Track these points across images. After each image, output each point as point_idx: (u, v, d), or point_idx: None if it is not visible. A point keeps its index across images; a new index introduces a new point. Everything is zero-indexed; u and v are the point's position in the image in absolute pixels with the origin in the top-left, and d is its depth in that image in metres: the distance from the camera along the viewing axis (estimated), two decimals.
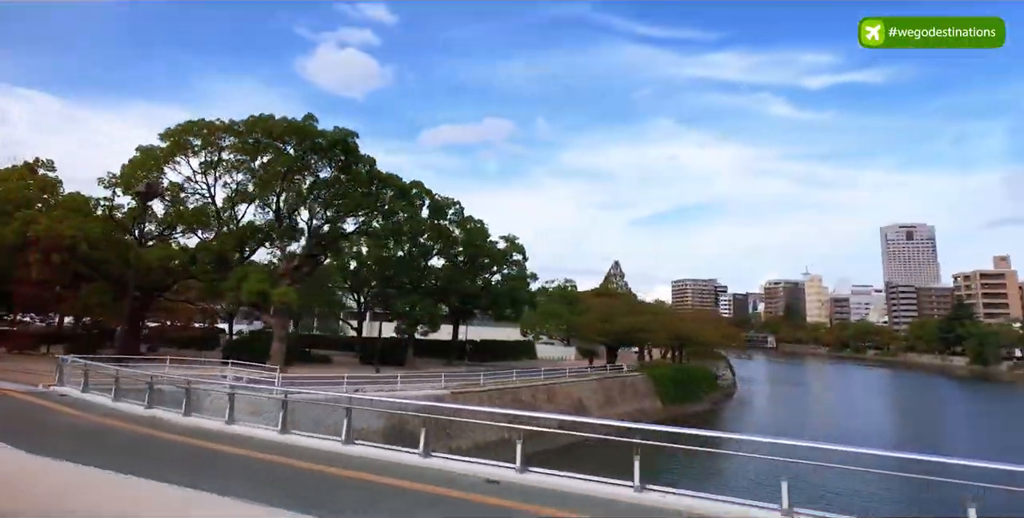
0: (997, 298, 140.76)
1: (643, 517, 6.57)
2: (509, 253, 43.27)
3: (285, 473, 8.21)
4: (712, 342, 54.40)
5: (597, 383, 35.78)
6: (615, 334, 45.07)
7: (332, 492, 7.25)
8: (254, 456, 9.10)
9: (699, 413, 43.25)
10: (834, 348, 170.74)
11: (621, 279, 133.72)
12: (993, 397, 75.77)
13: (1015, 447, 37.04)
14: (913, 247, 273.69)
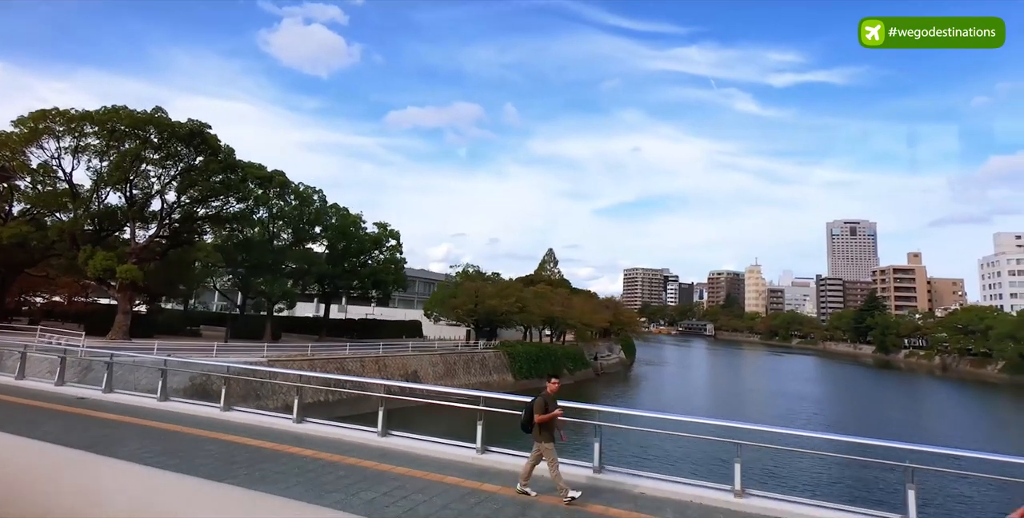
0: (907, 291, 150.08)
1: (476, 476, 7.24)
2: (384, 239, 46.70)
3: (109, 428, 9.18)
4: (593, 325, 58.82)
5: (440, 357, 39.72)
6: (481, 314, 49.06)
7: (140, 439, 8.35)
8: (74, 412, 10.05)
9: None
10: (765, 336, 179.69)
11: (555, 266, 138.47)
12: (861, 380, 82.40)
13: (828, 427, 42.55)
14: (856, 242, 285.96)
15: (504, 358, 45.50)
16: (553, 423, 6.92)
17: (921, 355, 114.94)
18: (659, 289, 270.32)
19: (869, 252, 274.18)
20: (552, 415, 6.84)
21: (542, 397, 7.00)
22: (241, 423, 9.63)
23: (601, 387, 53.32)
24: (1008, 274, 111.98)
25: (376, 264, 45.07)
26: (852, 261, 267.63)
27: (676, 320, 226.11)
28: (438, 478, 7.01)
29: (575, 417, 7.83)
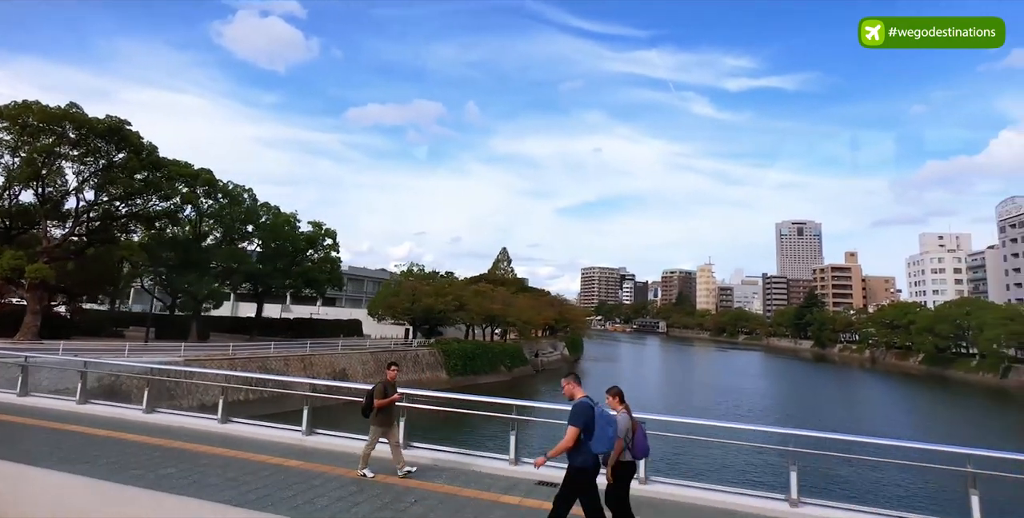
0: (844, 289, 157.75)
1: None
2: (319, 238, 46.73)
3: None
4: (533, 323, 60.12)
5: (371, 355, 40.20)
6: (418, 313, 49.68)
7: None
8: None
9: (491, 383, 48.70)
10: (714, 333, 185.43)
11: (508, 265, 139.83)
12: (792, 373, 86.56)
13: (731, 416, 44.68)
14: (803, 242, 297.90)
15: (439, 355, 46.23)
16: (392, 408, 7.51)
17: (853, 349, 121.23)
18: (615, 288, 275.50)
19: (815, 251, 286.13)
20: (390, 400, 7.40)
21: (381, 383, 7.55)
22: (165, 425, 9.49)
23: (538, 383, 54.62)
24: (931, 272, 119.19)
25: (311, 263, 45.05)
26: (799, 260, 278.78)
27: (631, 318, 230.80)
28: None
29: (495, 411, 8.27)
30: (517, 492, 6.69)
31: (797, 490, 6.43)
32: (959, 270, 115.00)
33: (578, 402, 5.17)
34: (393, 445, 7.36)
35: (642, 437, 5.51)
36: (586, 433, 4.95)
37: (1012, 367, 74.26)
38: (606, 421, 5.10)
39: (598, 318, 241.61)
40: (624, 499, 5.37)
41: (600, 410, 5.13)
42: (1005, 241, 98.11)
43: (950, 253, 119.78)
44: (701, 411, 41.24)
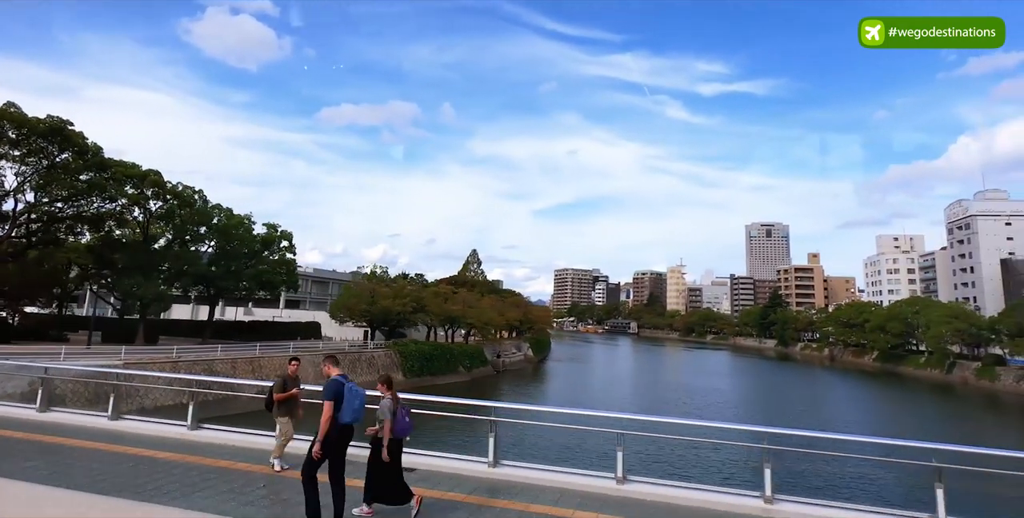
0: (807, 289, 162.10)
1: None
2: (274, 240, 46.57)
3: None
4: (493, 324, 60.67)
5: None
6: (376, 315, 49.84)
7: None
8: None
9: (449, 384, 49.10)
10: (683, 333, 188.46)
11: (478, 266, 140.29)
12: (751, 371, 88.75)
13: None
14: (771, 243, 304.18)
15: (395, 357, 46.46)
16: (293, 401, 7.77)
17: (814, 347, 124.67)
18: (588, 289, 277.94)
19: (783, 252, 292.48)
20: (289, 394, 7.71)
21: (282, 378, 7.86)
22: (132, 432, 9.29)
23: (497, 383, 55.22)
24: (886, 272, 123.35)
25: (265, 265, 44.87)
26: (767, 261, 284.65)
27: (603, 319, 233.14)
28: None
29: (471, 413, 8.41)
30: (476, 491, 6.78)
31: (771, 487, 6.48)
32: (912, 270, 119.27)
33: (330, 380, 5.74)
34: (282, 435, 7.54)
35: (403, 418, 6.14)
36: (336, 406, 5.53)
37: (956, 363, 77.46)
38: (353, 395, 5.68)
39: (571, 319, 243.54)
40: (396, 472, 6.03)
41: (349, 386, 5.71)
42: (952, 242, 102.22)
43: (904, 254, 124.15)
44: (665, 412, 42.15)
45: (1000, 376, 68.04)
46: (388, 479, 5.91)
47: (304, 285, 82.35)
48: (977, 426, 44.60)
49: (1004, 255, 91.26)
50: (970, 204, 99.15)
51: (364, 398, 5.96)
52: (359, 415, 5.77)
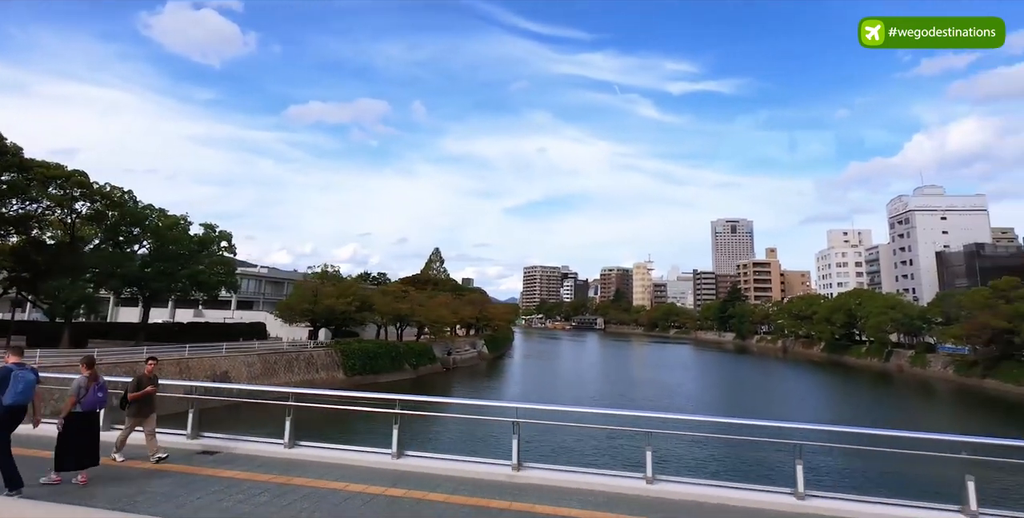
0: (764, 283, 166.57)
1: None
2: (212, 241, 46.19)
3: None
4: (442, 322, 61.13)
5: (258, 357, 40.26)
6: (319, 314, 49.87)
7: None
8: None
9: (392, 382, 49.45)
10: (647, 328, 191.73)
11: (440, 265, 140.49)
12: (699, 363, 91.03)
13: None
14: (736, 239, 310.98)
15: (336, 355, 46.59)
16: (148, 399, 8.12)
17: (768, 340, 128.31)
18: (557, 286, 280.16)
19: (747, 248, 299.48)
20: (144, 392, 8.05)
21: (137, 377, 8.25)
22: None
23: (444, 379, 55.69)
24: (836, 266, 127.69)
25: (203, 266, 44.47)
26: (732, 256, 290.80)
27: (571, 315, 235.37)
28: None
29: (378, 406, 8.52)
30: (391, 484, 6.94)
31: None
32: (860, 263, 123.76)
33: (2, 367, 6.41)
34: (148, 434, 7.84)
35: (94, 394, 6.85)
36: (1, 389, 6.24)
37: (893, 352, 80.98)
38: (17, 381, 6.34)
39: (540, 316, 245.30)
40: (83, 444, 6.74)
41: (16, 373, 6.39)
42: (894, 236, 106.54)
43: (853, 248, 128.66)
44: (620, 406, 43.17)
45: (930, 363, 71.47)
46: (68, 446, 6.60)
47: (258, 286, 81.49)
48: (902, 413, 47.09)
49: (939, 248, 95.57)
50: (909, 200, 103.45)
51: (31, 383, 6.53)
52: (21, 398, 6.40)
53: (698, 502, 6.55)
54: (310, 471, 7.36)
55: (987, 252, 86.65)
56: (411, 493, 6.55)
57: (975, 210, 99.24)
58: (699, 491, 6.79)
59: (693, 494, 6.72)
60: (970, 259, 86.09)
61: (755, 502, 6.49)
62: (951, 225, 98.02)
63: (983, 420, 43.40)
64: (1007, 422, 43.39)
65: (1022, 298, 56.95)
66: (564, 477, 7.16)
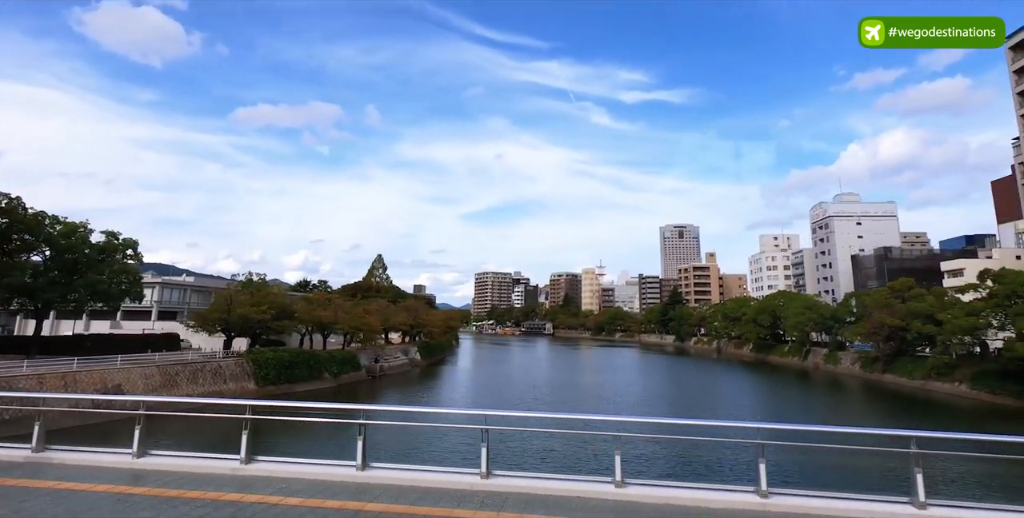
0: (704, 287, 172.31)
1: None
2: (115, 249, 44.52)
3: None
4: (366, 329, 60.65)
5: (158, 368, 39.09)
6: (233, 323, 48.79)
7: None
8: None
9: (309, 391, 48.80)
10: (594, 332, 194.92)
11: (383, 272, 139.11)
12: (628, 365, 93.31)
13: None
14: (683, 244, 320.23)
15: (247, 365, 45.65)
16: None
17: (705, 341, 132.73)
18: (509, 292, 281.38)
19: (693, 252, 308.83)
20: None
21: None
22: None
23: (368, 387, 55.27)
24: (766, 269, 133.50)
25: (103, 276, 42.80)
26: (680, 260, 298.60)
27: (521, 321, 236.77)
28: None
29: None
30: None
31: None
32: (788, 266, 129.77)
33: None
34: None
35: None
36: None
37: (811, 350, 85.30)
38: None
39: (490, 322, 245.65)
40: None
41: None
42: (816, 241, 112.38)
43: (782, 252, 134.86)
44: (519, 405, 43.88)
45: (841, 360, 75.70)
46: None
47: (183, 295, 78.81)
48: (804, 405, 49.81)
49: (855, 251, 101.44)
50: (829, 206, 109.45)
51: None
52: None
53: (667, 504, 6.62)
54: (267, 487, 7.05)
55: (894, 255, 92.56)
56: (372, 506, 6.31)
57: (886, 216, 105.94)
58: (667, 493, 6.83)
59: (661, 496, 6.76)
60: (879, 262, 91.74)
61: (721, 502, 6.59)
62: (865, 230, 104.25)
63: (882, 412, 46.88)
64: (892, 413, 46.74)
65: (915, 298, 61.18)
66: (533, 484, 7.12)
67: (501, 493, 6.86)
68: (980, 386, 49.65)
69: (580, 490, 6.93)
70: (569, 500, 6.70)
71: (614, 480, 6.93)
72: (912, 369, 59.40)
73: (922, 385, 56.73)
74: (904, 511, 6.27)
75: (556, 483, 7.17)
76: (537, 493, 6.88)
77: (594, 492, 6.89)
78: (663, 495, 6.78)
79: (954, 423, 41.40)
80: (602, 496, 6.79)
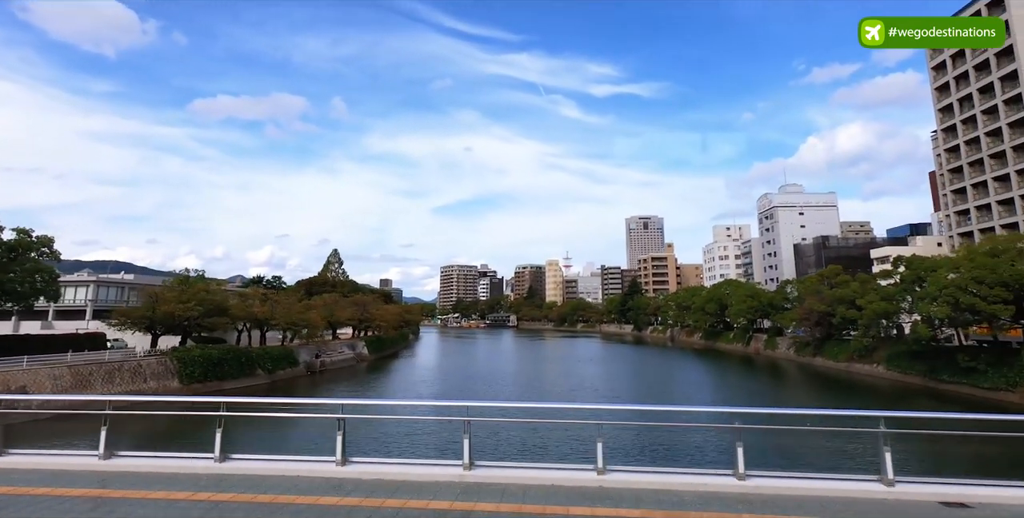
0: (662, 276, 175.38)
1: None
2: (28, 248, 43.01)
3: None
4: (302, 324, 59.97)
5: (68, 369, 38.09)
6: (158, 320, 47.78)
7: None
8: None
9: (240, 388, 48.23)
10: (557, 323, 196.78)
11: (339, 266, 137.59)
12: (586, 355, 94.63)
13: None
14: (648, 235, 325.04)
15: (171, 363, 44.81)
16: None
17: (659, 330, 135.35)
18: (474, 285, 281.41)
19: (658, 243, 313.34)
20: None
21: None
22: None
23: (302, 383, 54.75)
24: (719, 258, 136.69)
25: (13, 274, 41.35)
26: (645, 252, 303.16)
27: (486, 313, 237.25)
28: None
29: None
30: None
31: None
32: (739, 256, 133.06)
33: None
34: None
35: None
36: None
37: (753, 336, 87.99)
38: None
39: (455, 315, 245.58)
40: None
41: None
42: (762, 230, 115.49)
43: (734, 242, 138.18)
44: None
45: (779, 345, 78.35)
46: None
47: (121, 294, 76.72)
48: (744, 388, 51.46)
49: (797, 240, 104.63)
50: (774, 197, 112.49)
51: None
52: None
53: (647, 489, 6.71)
54: (243, 485, 6.90)
55: (831, 244, 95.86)
56: (359, 500, 6.29)
57: (827, 206, 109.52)
58: (647, 478, 6.96)
59: (642, 482, 6.88)
60: (818, 250, 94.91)
61: (700, 485, 6.74)
62: (808, 219, 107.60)
63: (808, 394, 49.15)
64: (816, 393, 48.86)
65: (841, 284, 63.62)
66: (516, 474, 7.15)
67: (485, 484, 6.88)
68: (894, 367, 52.13)
69: (563, 478, 7.01)
70: (553, 488, 6.75)
71: (596, 467, 7.04)
72: (838, 352, 61.96)
73: (846, 367, 59.32)
74: (874, 488, 6.50)
75: (539, 472, 7.23)
76: (521, 483, 6.92)
77: (577, 479, 6.98)
78: (644, 480, 6.90)
79: (868, 401, 43.64)
80: (585, 483, 6.88)
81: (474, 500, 6.29)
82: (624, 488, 6.73)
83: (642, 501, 6.33)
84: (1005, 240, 41.30)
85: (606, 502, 6.27)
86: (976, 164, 61.71)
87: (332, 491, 6.64)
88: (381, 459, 7.93)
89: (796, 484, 6.69)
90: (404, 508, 6.07)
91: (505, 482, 6.94)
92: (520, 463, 7.78)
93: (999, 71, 56.47)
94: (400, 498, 6.38)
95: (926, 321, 45.28)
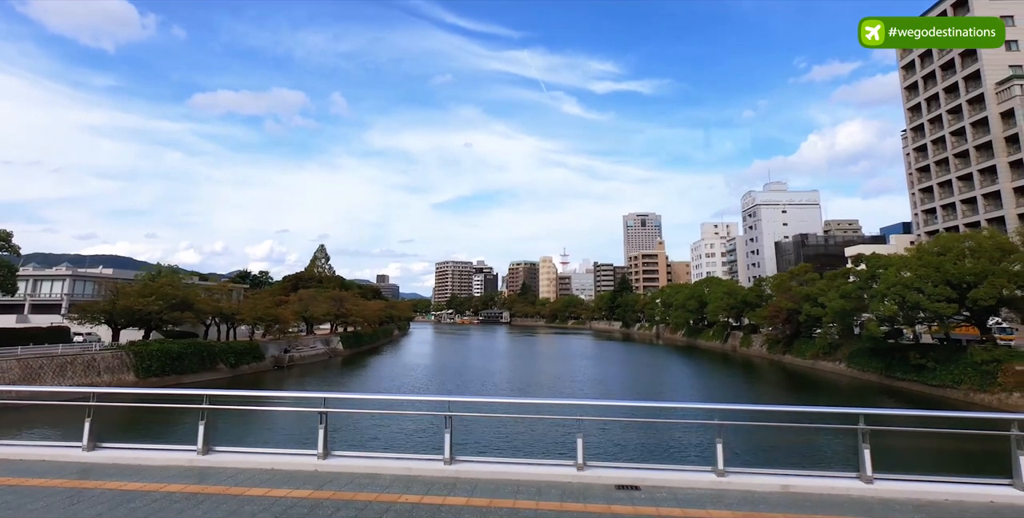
0: (652, 273, 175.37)
1: None
2: None
3: None
4: (269, 319, 60.39)
5: (18, 362, 38.52)
6: (119, 314, 48.22)
7: None
8: None
9: (199, 382, 48.53)
10: (549, 319, 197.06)
11: (326, 261, 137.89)
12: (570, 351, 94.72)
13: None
14: (645, 232, 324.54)
15: (128, 357, 45.23)
16: None
17: (646, 327, 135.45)
18: (469, 281, 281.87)
19: (655, 240, 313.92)
20: None
21: None
22: None
23: (268, 377, 55.09)
24: (705, 256, 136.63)
25: None
26: (642, 249, 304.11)
27: (480, 309, 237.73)
28: None
29: None
30: None
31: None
32: (724, 254, 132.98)
33: None
34: None
35: None
36: None
37: (730, 333, 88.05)
38: None
39: (449, 311, 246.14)
40: None
41: None
42: (745, 228, 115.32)
43: (721, 239, 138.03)
44: None
45: (753, 343, 78.42)
46: None
47: (98, 288, 77.26)
48: (719, 384, 51.59)
49: (779, 238, 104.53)
50: (757, 195, 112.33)
51: None
52: None
53: (628, 485, 6.72)
54: (227, 478, 6.94)
55: (811, 242, 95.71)
56: (340, 495, 6.32)
57: (810, 204, 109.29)
58: (626, 474, 6.95)
59: (622, 478, 6.86)
60: (797, 248, 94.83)
61: (679, 481, 6.76)
62: (790, 217, 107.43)
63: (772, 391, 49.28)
64: (778, 390, 49.03)
65: (808, 282, 63.62)
66: (497, 468, 7.16)
67: (465, 479, 6.93)
68: (854, 364, 52.26)
69: (543, 474, 7.04)
70: (533, 483, 6.78)
71: (576, 463, 7.06)
72: (805, 349, 62.06)
73: (812, 364, 59.45)
74: (852, 485, 6.53)
75: (519, 467, 7.24)
76: (501, 478, 6.97)
77: (556, 475, 7.00)
78: (623, 476, 6.91)
79: (828, 398, 43.91)
80: (564, 478, 6.90)
81: (446, 493, 6.35)
82: (601, 483, 6.74)
83: (622, 496, 6.35)
84: (951, 239, 41.30)
85: (583, 497, 6.27)
86: (942, 163, 61.54)
87: (311, 483, 6.69)
88: (364, 453, 8.00)
89: (775, 480, 6.70)
90: (375, 502, 6.08)
91: (485, 477, 6.98)
92: (502, 458, 7.83)
93: (963, 71, 56.23)
94: (373, 491, 6.42)
95: (877, 319, 45.38)
